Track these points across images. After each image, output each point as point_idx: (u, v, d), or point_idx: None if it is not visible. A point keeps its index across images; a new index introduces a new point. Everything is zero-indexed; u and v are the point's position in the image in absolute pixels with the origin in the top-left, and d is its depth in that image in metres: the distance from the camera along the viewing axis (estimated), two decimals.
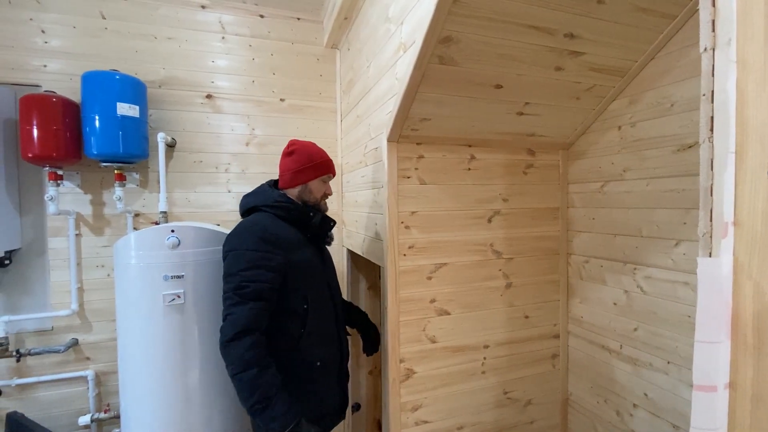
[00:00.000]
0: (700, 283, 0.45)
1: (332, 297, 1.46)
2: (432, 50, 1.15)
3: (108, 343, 2.00)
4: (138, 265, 1.50)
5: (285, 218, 1.35)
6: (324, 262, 1.47)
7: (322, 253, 1.49)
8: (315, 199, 1.42)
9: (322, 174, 1.42)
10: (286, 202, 1.36)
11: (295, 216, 1.36)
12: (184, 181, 2.13)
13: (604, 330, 1.59)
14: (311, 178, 1.40)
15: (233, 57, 2.20)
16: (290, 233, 1.34)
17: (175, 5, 2.08)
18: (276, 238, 1.28)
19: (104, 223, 2.01)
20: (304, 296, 1.33)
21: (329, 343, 1.42)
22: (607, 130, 1.57)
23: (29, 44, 1.89)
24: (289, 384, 1.28)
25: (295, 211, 1.36)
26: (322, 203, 1.44)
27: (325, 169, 1.43)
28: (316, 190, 1.41)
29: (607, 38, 1.27)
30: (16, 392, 1.89)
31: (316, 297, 1.37)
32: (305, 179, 1.40)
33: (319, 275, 1.41)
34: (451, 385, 1.59)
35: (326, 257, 1.52)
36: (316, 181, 1.41)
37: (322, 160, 1.43)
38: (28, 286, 1.92)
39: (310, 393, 1.34)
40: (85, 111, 1.80)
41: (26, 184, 1.91)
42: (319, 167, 1.42)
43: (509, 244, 1.67)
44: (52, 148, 1.75)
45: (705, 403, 0.43)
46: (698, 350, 0.45)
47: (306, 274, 1.34)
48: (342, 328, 1.51)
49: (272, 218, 1.34)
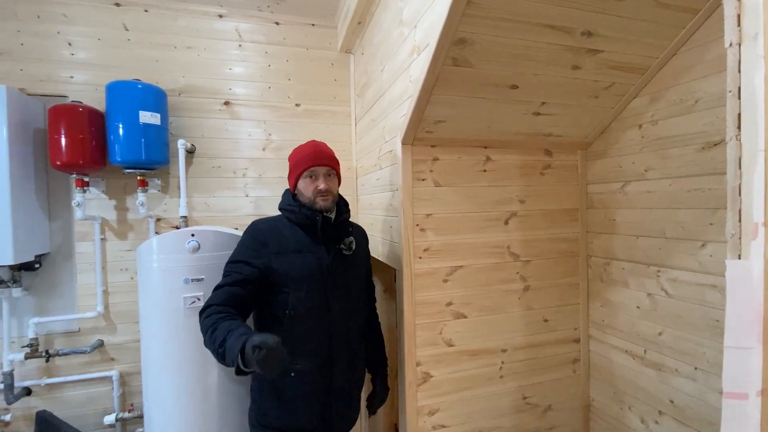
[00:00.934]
0: (729, 286, 0.43)
1: (329, 311, 1.32)
2: (446, 52, 1.15)
3: (131, 345, 2.06)
4: (160, 268, 1.54)
5: (293, 221, 1.35)
6: (331, 271, 1.33)
7: (337, 260, 1.36)
8: (308, 198, 1.33)
9: (302, 171, 1.33)
10: (294, 205, 1.35)
11: (301, 219, 1.33)
12: (203, 186, 2.18)
13: (627, 334, 1.55)
14: (295, 179, 1.35)
15: (250, 64, 2.24)
16: (292, 237, 1.32)
17: (193, 15, 2.14)
18: (266, 239, 1.30)
19: (128, 227, 2.08)
20: (286, 302, 1.27)
21: (311, 356, 1.29)
22: (627, 129, 1.53)
23: (57, 57, 1.97)
24: (264, 388, 1.31)
25: (300, 214, 1.33)
26: (318, 200, 1.32)
27: (301, 165, 1.33)
28: (304, 189, 1.33)
29: (627, 35, 1.24)
30: (45, 391, 1.96)
31: (303, 305, 1.28)
32: (293, 182, 1.37)
33: (315, 284, 1.30)
34: (468, 389, 1.57)
35: (341, 267, 1.36)
36: (301, 180, 1.34)
37: (299, 158, 1.35)
38: (57, 289, 1.99)
39: (282, 400, 1.29)
40: (109, 120, 1.87)
41: (55, 191, 1.98)
42: (297, 166, 1.35)
43: (527, 247, 1.64)
44: (79, 155, 1.82)
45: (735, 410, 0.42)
46: (728, 356, 0.43)
47: (293, 280, 1.28)
48: (342, 349, 1.35)
49: (283, 221, 1.36)
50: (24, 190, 1.78)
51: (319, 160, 1.33)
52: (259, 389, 1.34)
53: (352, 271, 1.42)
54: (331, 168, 1.36)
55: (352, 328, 1.40)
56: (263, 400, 1.32)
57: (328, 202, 1.33)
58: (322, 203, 1.32)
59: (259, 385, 1.33)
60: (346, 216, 1.42)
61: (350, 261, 1.40)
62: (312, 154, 1.34)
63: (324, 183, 1.32)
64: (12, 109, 1.71)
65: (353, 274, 1.42)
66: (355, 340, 1.41)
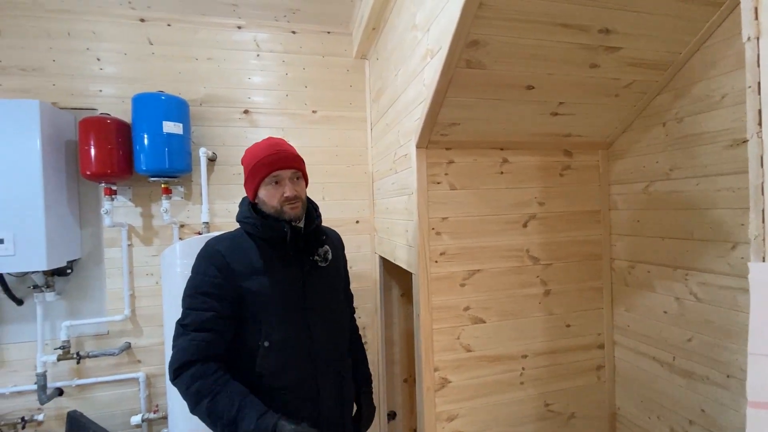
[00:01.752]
0: (752, 289, 0.41)
1: (309, 330, 1.16)
2: (459, 55, 1.14)
3: (157, 347, 2.12)
4: (183, 273, 1.59)
5: (256, 236, 1.15)
6: (307, 287, 1.17)
7: (312, 274, 1.20)
8: (273, 208, 1.14)
9: (262, 177, 1.12)
10: (251, 217, 1.15)
11: (265, 233, 1.14)
12: (224, 193, 2.24)
13: (654, 340, 1.49)
14: (255, 187, 1.15)
15: (268, 73, 2.29)
16: (255, 255, 1.13)
17: (213, 28, 2.21)
18: (225, 262, 1.10)
19: (153, 233, 2.15)
20: (259, 332, 1.10)
21: (294, 388, 1.13)
22: (650, 127, 1.48)
23: (87, 72, 2.07)
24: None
25: (263, 227, 1.13)
26: (286, 209, 1.13)
27: (262, 170, 1.12)
28: (268, 199, 1.14)
29: (647, 31, 1.20)
30: (76, 392, 2.05)
31: (278, 333, 1.11)
32: (252, 190, 1.16)
33: (291, 305, 1.14)
34: (488, 395, 1.54)
35: (318, 280, 1.20)
36: (262, 188, 1.14)
37: (258, 160, 1.13)
38: (87, 293, 2.08)
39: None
40: (135, 130, 1.94)
41: (85, 200, 2.08)
42: (257, 170, 1.13)
43: (547, 250, 1.61)
44: (107, 165, 1.90)
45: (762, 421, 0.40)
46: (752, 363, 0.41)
47: (266, 304, 1.11)
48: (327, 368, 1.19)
49: (244, 237, 1.17)
50: (57, 199, 1.88)
51: (283, 162, 1.13)
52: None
53: (330, 284, 1.27)
54: (297, 170, 1.18)
55: (336, 349, 1.25)
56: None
57: (298, 210, 1.16)
58: (291, 212, 1.14)
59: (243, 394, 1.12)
60: (318, 222, 1.25)
61: (327, 272, 1.25)
62: (273, 155, 1.13)
63: (291, 189, 1.13)
64: (45, 122, 1.80)
65: (332, 288, 1.27)
66: (341, 363, 1.27)
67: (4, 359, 1.98)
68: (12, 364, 1.99)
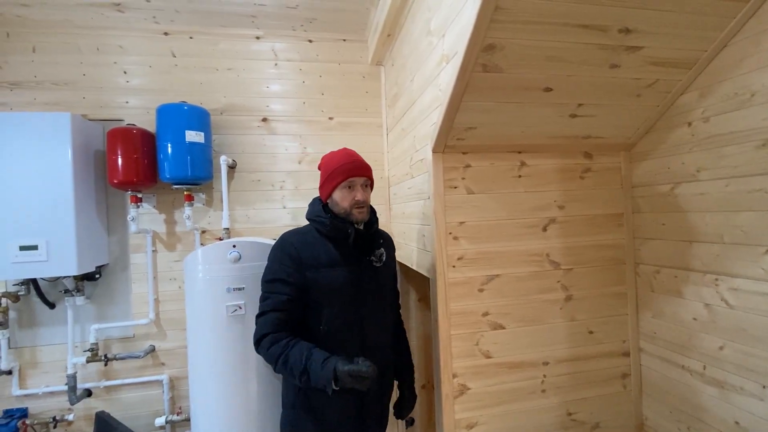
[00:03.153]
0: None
1: (362, 324, 1.33)
2: (475, 59, 1.14)
3: (179, 350, 2.17)
4: (204, 278, 1.63)
5: (324, 233, 1.33)
6: (363, 284, 1.33)
7: (368, 272, 1.36)
8: (343, 209, 1.31)
9: (339, 182, 1.30)
10: (322, 216, 1.33)
11: (331, 231, 1.31)
12: (243, 199, 2.28)
13: (684, 348, 1.43)
14: (331, 189, 1.32)
15: (285, 81, 2.34)
16: (322, 250, 1.31)
17: (233, 39, 2.27)
18: (298, 254, 1.28)
19: (176, 239, 2.21)
20: (321, 317, 1.28)
21: None
22: (675, 128, 1.43)
23: (114, 84, 2.16)
24: (298, 402, 1.32)
25: (331, 226, 1.31)
26: (354, 212, 1.31)
27: (339, 176, 1.29)
28: (341, 200, 1.31)
29: (669, 29, 1.17)
30: (103, 393, 2.11)
31: (337, 321, 1.29)
32: (328, 192, 1.33)
33: (349, 298, 1.31)
34: (508, 403, 1.51)
35: (373, 279, 1.37)
36: (337, 191, 1.31)
37: (336, 167, 1.31)
38: (114, 297, 2.15)
39: (314, 415, 1.30)
40: (159, 140, 2.01)
41: (112, 207, 2.16)
42: (334, 176, 1.30)
43: (567, 254, 1.57)
44: (134, 174, 1.97)
45: None
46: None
47: (328, 296, 1.28)
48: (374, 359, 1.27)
49: (313, 233, 1.34)
50: (86, 207, 1.95)
51: (357, 170, 1.31)
52: (292, 403, 1.34)
53: (382, 281, 1.42)
54: (368, 179, 1.36)
55: (384, 340, 1.42)
56: (296, 414, 1.33)
57: (364, 214, 1.33)
58: (358, 215, 1.31)
59: (293, 399, 1.34)
60: (376, 226, 1.42)
61: (380, 272, 1.41)
62: (350, 164, 1.31)
63: (362, 194, 1.31)
64: (76, 134, 1.88)
65: (382, 286, 1.42)
66: (387, 352, 1.44)
67: (38, 360, 2.07)
68: (44, 366, 2.07)
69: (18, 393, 2.02)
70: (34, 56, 2.08)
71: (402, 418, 1.58)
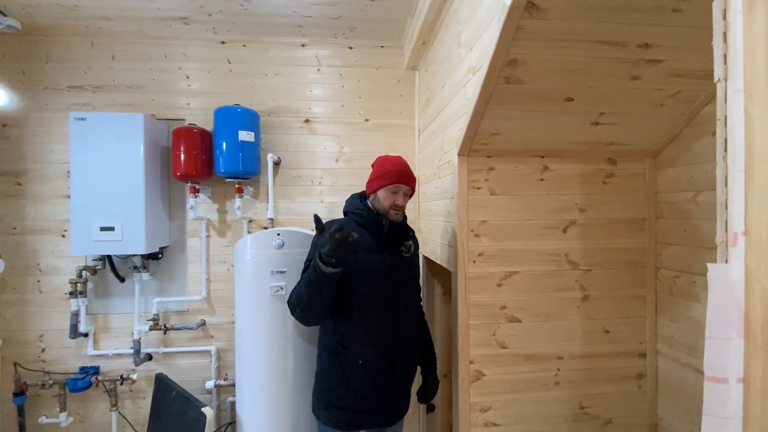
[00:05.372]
0: (710, 285, 0.50)
1: (392, 307, 1.50)
2: (498, 73, 1.24)
3: (226, 326, 2.44)
4: (252, 261, 1.85)
5: (361, 224, 1.51)
6: (393, 271, 1.51)
7: (398, 261, 1.53)
8: (383, 207, 1.49)
9: (387, 184, 1.48)
10: (362, 209, 1.52)
11: (368, 222, 1.50)
12: (286, 193, 2.51)
13: (701, 352, 1.46)
14: (378, 187, 1.50)
15: (326, 86, 2.53)
16: (361, 238, 1.45)
17: (281, 46, 2.49)
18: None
19: (226, 227, 2.47)
20: (356, 296, 1.45)
21: (378, 347, 1.47)
22: (700, 136, 1.47)
23: (178, 88, 2.44)
24: (333, 372, 1.48)
25: (368, 217, 1.50)
26: (391, 212, 1.49)
27: (389, 179, 1.48)
28: (383, 199, 1.49)
29: (689, 43, 1.22)
30: (162, 358, 2.42)
31: (370, 301, 1.46)
32: (374, 188, 1.51)
33: (381, 282, 1.48)
34: (521, 391, 1.62)
35: (402, 267, 1.55)
36: (383, 190, 1.49)
37: (389, 171, 1.49)
38: (173, 275, 2.45)
39: (350, 384, 1.46)
40: (215, 138, 2.27)
41: (174, 196, 2.45)
42: (384, 177, 1.49)
43: (586, 255, 1.64)
44: (193, 168, 2.23)
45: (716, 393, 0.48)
46: (709, 345, 0.50)
47: (363, 276, 1.45)
48: (403, 341, 1.53)
49: (351, 223, 1.51)
50: (153, 196, 2.24)
51: (405, 179, 1.50)
52: (327, 373, 1.52)
53: (409, 271, 1.61)
54: (411, 189, 1.54)
55: (410, 322, 1.59)
56: (331, 383, 1.50)
57: (399, 217, 1.51)
58: (394, 216, 1.50)
59: (328, 370, 1.51)
60: (405, 221, 1.59)
61: (408, 262, 1.59)
62: (401, 172, 1.50)
63: (402, 200, 1.50)
64: (147, 132, 2.16)
65: (409, 274, 1.61)
66: (412, 334, 1.61)
67: (109, 326, 2.40)
68: (114, 331, 2.40)
69: (92, 353, 2.36)
70: (113, 63, 2.39)
71: (424, 402, 1.73)
